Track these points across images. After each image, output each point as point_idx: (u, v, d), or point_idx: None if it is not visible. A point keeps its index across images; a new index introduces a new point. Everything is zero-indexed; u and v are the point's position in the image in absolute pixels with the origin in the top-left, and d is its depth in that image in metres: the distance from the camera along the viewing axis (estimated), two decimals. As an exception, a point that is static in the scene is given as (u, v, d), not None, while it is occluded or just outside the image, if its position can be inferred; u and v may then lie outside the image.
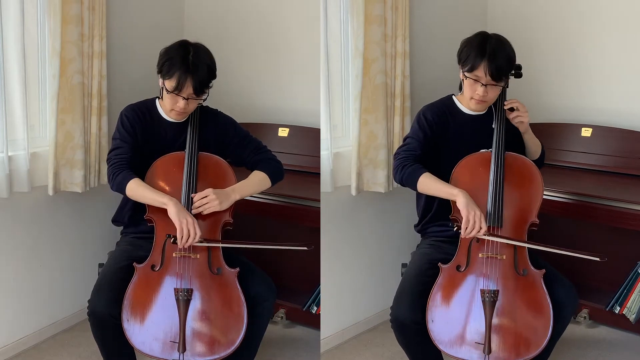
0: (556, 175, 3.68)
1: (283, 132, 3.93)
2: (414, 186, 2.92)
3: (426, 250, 3.03)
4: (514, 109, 2.99)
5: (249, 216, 3.55)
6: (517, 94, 3.11)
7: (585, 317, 3.72)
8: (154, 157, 2.96)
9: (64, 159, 3.44)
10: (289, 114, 4.01)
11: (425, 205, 3.08)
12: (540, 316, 2.81)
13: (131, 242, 3.03)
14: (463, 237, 2.82)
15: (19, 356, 3.46)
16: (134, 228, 3.06)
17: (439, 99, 3.08)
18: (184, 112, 2.94)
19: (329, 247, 3.53)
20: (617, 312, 3.64)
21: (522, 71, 3.05)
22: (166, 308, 2.83)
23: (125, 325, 2.80)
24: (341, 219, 3.63)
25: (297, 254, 3.51)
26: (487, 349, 2.76)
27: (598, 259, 2.76)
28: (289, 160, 3.65)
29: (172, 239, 2.82)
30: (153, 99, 3.06)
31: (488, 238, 2.82)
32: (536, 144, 3.09)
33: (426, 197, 3.05)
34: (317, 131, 3.59)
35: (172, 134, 3.02)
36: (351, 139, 3.56)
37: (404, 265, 3.12)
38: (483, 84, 2.89)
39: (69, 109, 3.42)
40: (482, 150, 2.96)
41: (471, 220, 2.77)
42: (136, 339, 2.82)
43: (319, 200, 3.47)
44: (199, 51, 2.90)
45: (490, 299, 2.78)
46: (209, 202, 2.87)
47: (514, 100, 3.00)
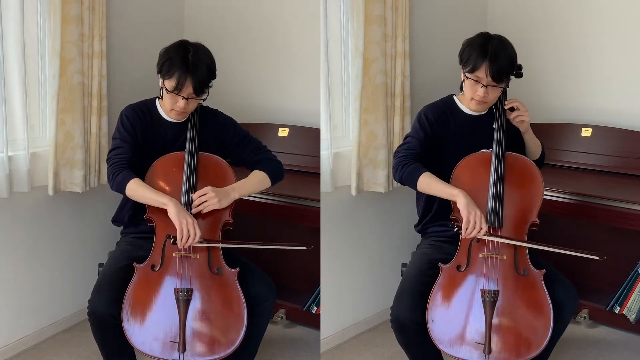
0: (556, 175, 3.68)
1: (283, 132, 3.93)
2: (413, 185, 2.91)
3: (426, 250, 3.03)
4: (515, 108, 2.99)
5: (249, 216, 3.55)
6: (518, 94, 3.11)
7: (585, 317, 3.72)
8: (154, 157, 2.96)
9: (64, 159, 3.44)
10: (289, 114, 4.01)
11: (426, 205, 3.08)
12: (541, 316, 2.81)
13: (131, 242, 3.03)
14: (463, 237, 2.82)
15: (19, 356, 3.46)
16: (134, 228, 3.06)
17: (440, 98, 3.08)
18: (184, 112, 2.94)
19: (329, 247, 3.53)
20: (617, 312, 3.64)
21: (522, 71, 3.05)
22: (166, 308, 2.83)
23: (125, 325, 2.80)
24: (341, 219, 3.63)
25: (297, 254, 3.51)
26: (487, 349, 2.76)
27: (597, 257, 2.76)
28: (289, 160, 3.65)
29: (172, 239, 2.82)
30: (153, 99, 3.06)
31: (488, 238, 2.82)
32: (536, 144, 3.09)
33: (426, 197, 3.05)
34: (317, 131, 3.59)
35: (172, 134, 3.02)
36: (351, 139, 3.55)
37: (404, 265, 3.11)
38: (484, 85, 2.89)
39: (69, 109, 3.42)
40: (482, 150, 2.96)
41: (472, 221, 2.77)
42: (136, 339, 2.81)
43: (319, 200, 3.47)
44: (199, 51, 2.90)
45: (490, 299, 2.78)
46: (208, 200, 2.87)
47: (514, 100, 3.00)
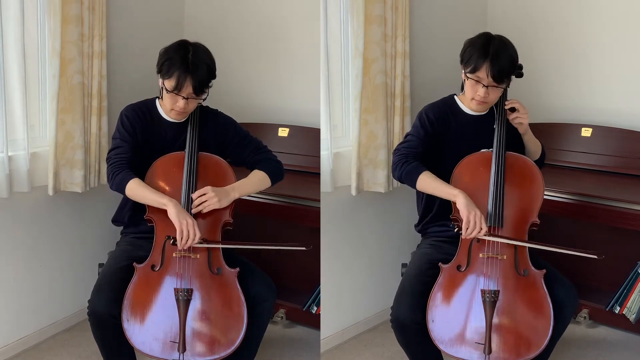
0: (556, 175, 3.68)
1: (283, 132, 3.93)
2: (412, 184, 2.91)
3: (426, 250, 3.03)
4: (515, 109, 2.99)
5: (249, 216, 3.55)
6: (518, 94, 3.11)
7: (585, 317, 3.72)
8: (154, 157, 2.96)
9: (64, 159, 3.44)
10: (289, 114, 4.01)
11: (426, 205, 3.08)
12: (541, 316, 2.80)
13: (131, 242, 3.03)
14: (464, 237, 2.82)
15: (19, 356, 3.46)
16: (134, 228, 3.05)
17: (441, 98, 3.08)
18: (184, 111, 2.94)
19: (329, 247, 3.53)
20: (617, 312, 3.64)
21: (522, 71, 3.05)
22: (166, 308, 2.83)
23: (125, 325, 2.80)
24: (341, 219, 3.63)
25: (297, 254, 3.52)
26: (488, 349, 2.76)
27: (596, 256, 2.77)
28: (289, 160, 3.65)
29: (172, 240, 2.82)
30: (153, 99, 3.05)
31: (488, 239, 2.82)
32: (536, 145, 3.09)
33: (427, 197, 3.05)
34: (317, 131, 3.59)
35: (172, 134, 3.02)
36: (351, 139, 3.55)
37: (404, 265, 3.11)
38: (484, 85, 2.88)
39: (69, 109, 3.42)
40: (482, 150, 2.96)
41: (472, 221, 2.77)
42: (136, 339, 2.81)
43: (319, 200, 3.47)
44: (199, 51, 2.90)
45: (490, 299, 2.78)
46: (208, 199, 2.87)
47: (515, 100, 3.00)
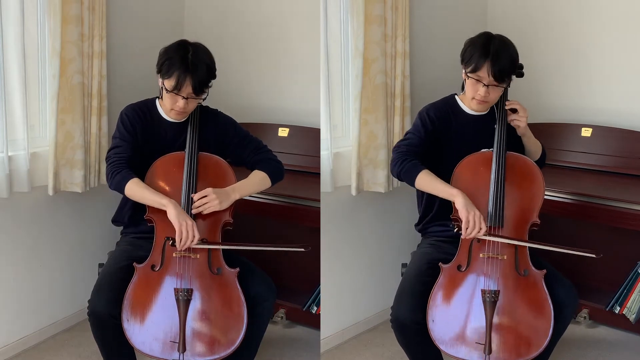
0: (556, 175, 3.68)
1: (283, 132, 3.93)
2: (411, 182, 2.91)
3: (427, 250, 3.03)
4: (516, 110, 2.99)
5: (249, 216, 3.55)
6: (518, 94, 3.11)
7: (585, 317, 3.72)
8: (154, 157, 2.96)
9: (64, 159, 3.44)
10: (289, 114, 4.01)
11: (427, 205, 3.08)
12: (541, 316, 2.80)
13: (131, 242, 3.03)
14: (464, 237, 2.82)
15: (19, 356, 3.46)
16: (134, 228, 3.05)
17: (442, 98, 3.08)
18: (184, 111, 2.94)
19: (329, 247, 3.53)
20: (617, 312, 3.64)
21: (523, 70, 3.04)
22: (166, 308, 2.83)
23: (125, 325, 2.80)
24: (341, 219, 3.63)
25: (297, 254, 3.50)
26: (488, 349, 2.76)
27: (594, 255, 2.77)
28: (289, 160, 3.65)
29: (171, 241, 2.82)
30: (153, 99, 3.05)
31: (488, 238, 2.82)
32: (536, 146, 3.08)
33: (427, 197, 3.04)
34: (317, 131, 3.59)
35: (172, 134, 3.02)
36: (351, 139, 3.55)
37: (404, 265, 3.11)
38: (485, 84, 2.88)
39: (69, 109, 3.42)
40: (483, 150, 2.96)
41: (471, 221, 2.77)
42: (136, 339, 2.81)
43: (319, 200, 3.47)
44: (198, 51, 2.90)
45: (491, 299, 2.78)
46: (209, 201, 2.87)
47: (515, 102, 2.99)
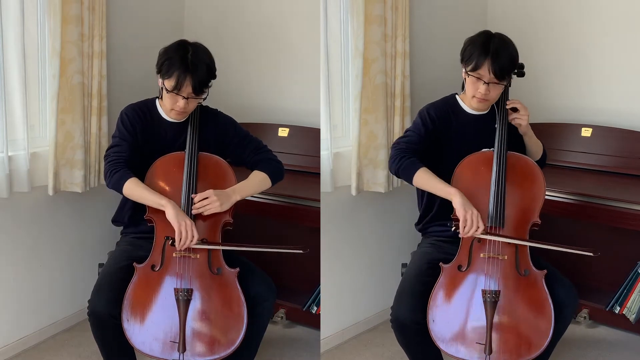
0: (556, 175, 3.68)
1: (283, 132, 3.93)
2: (409, 179, 2.90)
3: (427, 250, 3.02)
4: (516, 109, 2.99)
5: (249, 216, 3.55)
6: (518, 94, 3.11)
7: (585, 317, 3.71)
8: (154, 157, 2.96)
9: (64, 159, 3.44)
10: (289, 114, 4.01)
11: (427, 204, 3.07)
12: (542, 317, 2.80)
13: (131, 242, 3.03)
14: (461, 236, 2.82)
15: (19, 356, 3.46)
16: (134, 228, 3.05)
17: (442, 97, 3.08)
18: (184, 111, 2.93)
19: (329, 247, 3.53)
20: (617, 312, 3.64)
21: (524, 70, 3.04)
22: (166, 308, 2.83)
23: (125, 325, 2.80)
24: (341, 219, 3.63)
25: (297, 254, 3.51)
26: (488, 349, 2.76)
27: (591, 253, 2.77)
28: (289, 160, 3.65)
29: (171, 241, 2.82)
30: (153, 99, 3.05)
31: (486, 237, 2.82)
32: (537, 145, 3.08)
33: (428, 196, 3.04)
34: (317, 131, 3.59)
35: (172, 134, 3.02)
36: (351, 139, 3.55)
37: (404, 265, 3.11)
38: (485, 82, 2.88)
39: (69, 109, 3.42)
40: (483, 150, 2.96)
41: (468, 220, 2.76)
42: (136, 339, 2.81)
43: (319, 200, 3.47)
44: (198, 50, 2.90)
45: (491, 299, 2.78)
46: (210, 203, 2.87)
47: (516, 101, 2.99)
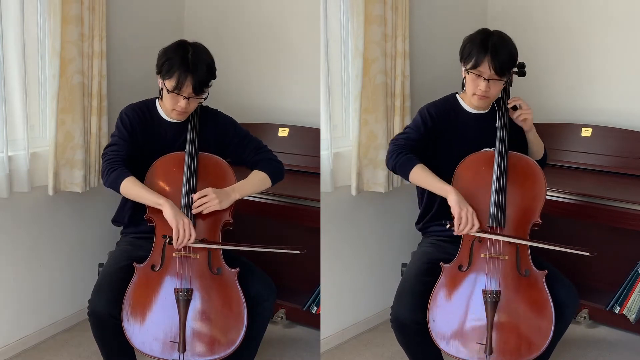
0: (556, 175, 3.68)
1: (283, 132, 3.93)
2: (405, 175, 2.90)
3: (427, 250, 3.02)
4: (517, 107, 2.99)
5: (249, 216, 3.55)
6: (518, 94, 3.10)
7: (585, 317, 3.71)
8: (154, 157, 2.96)
9: (64, 159, 3.44)
10: (289, 114, 4.01)
11: (427, 203, 3.07)
12: (542, 317, 2.80)
13: (131, 242, 3.03)
14: (456, 234, 2.81)
15: (19, 356, 3.46)
16: (134, 228, 3.05)
17: (442, 97, 3.07)
18: (185, 111, 2.93)
19: (329, 247, 3.53)
20: (617, 312, 3.64)
21: (525, 69, 3.04)
22: (166, 308, 2.83)
23: (125, 325, 2.80)
24: (341, 219, 3.63)
25: (296, 254, 3.50)
26: (489, 349, 2.76)
27: (588, 253, 2.77)
28: (289, 160, 3.65)
29: (168, 239, 2.81)
30: (153, 99, 3.05)
31: (481, 235, 2.81)
32: (539, 145, 3.08)
33: (428, 195, 3.03)
34: (317, 131, 3.59)
35: (172, 134, 3.02)
36: (351, 139, 3.55)
37: (404, 265, 3.11)
38: (486, 79, 2.88)
39: (69, 109, 3.42)
40: (484, 150, 2.96)
41: (463, 217, 2.76)
42: (136, 339, 2.81)
43: (319, 200, 3.47)
44: (198, 50, 2.90)
45: (492, 300, 2.78)
46: (209, 201, 2.87)
47: (517, 98, 2.99)
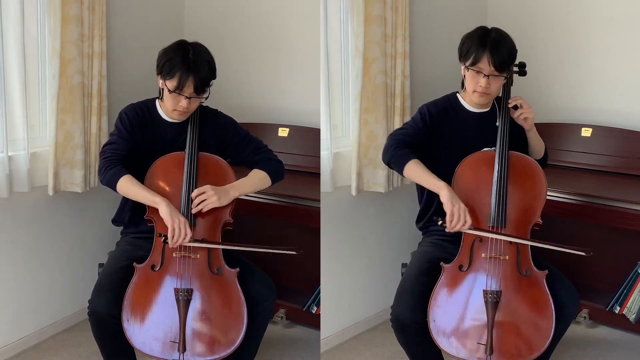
0: (556, 175, 3.67)
1: (283, 132, 3.93)
2: (400, 169, 2.90)
3: (427, 249, 3.02)
4: (518, 106, 2.99)
5: (249, 216, 3.55)
6: (518, 94, 3.10)
7: (585, 317, 3.72)
8: (154, 157, 2.96)
9: (64, 159, 3.44)
10: (289, 114, 4.01)
11: (427, 201, 3.07)
12: (543, 317, 2.80)
13: (131, 242, 3.03)
14: (448, 231, 2.80)
15: (19, 356, 3.46)
16: (134, 228, 3.05)
17: (443, 96, 3.07)
18: (187, 111, 2.93)
19: (329, 247, 3.53)
20: (617, 312, 3.64)
21: (526, 69, 3.04)
22: (166, 308, 2.83)
23: (126, 325, 2.80)
24: (341, 219, 3.63)
25: (294, 255, 3.50)
26: (489, 349, 2.76)
27: (584, 253, 2.78)
28: (289, 160, 3.65)
29: (163, 237, 2.81)
30: (153, 99, 3.05)
31: (473, 232, 2.81)
32: (539, 144, 3.08)
33: (427, 193, 3.03)
34: (317, 131, 3.59)
35: (172, 134, 3.02)
36: (351, 139, 3.55)
37: (404, 265, 3.11)
38: (486, 75, 2.88)
39: (69, 109, 3.42)
40: (484, 149, 2.95)
41: (455, 214, 2.75)
42: (136, 339, 2.81)
43: (319, 200, 3.47)
44: (199, 50, 2.90)
45: (492, 300, 2.78)
46: (208, 198, 2.86)
47: (518, 97, 2.99)
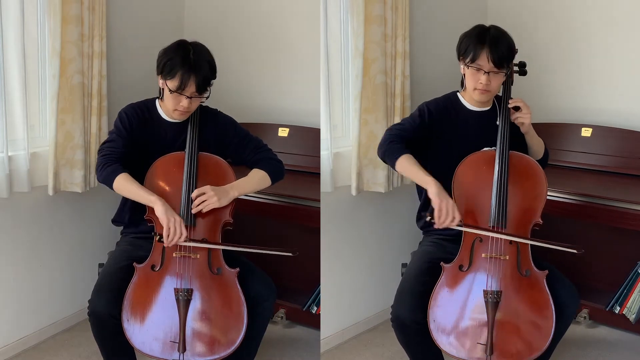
0: (556, 175, 3.67)
1: (283, 132, 3.93)
2: (392, 163, 2.89)
3: (428, 249, 3.02)
4: (518, 108, 2.98)
5: (249, 216, 3.55)
6: (518, 94, 3.11)
7: (585, 317, 3.72)
8: (154, 157, 2.96)
9: (64, 159, 3.44)
10: (289, 114, 4.01)
11: (426, 199, 3.04)
12: (543, 317, 2.80)
13: (131, 242, 3.03)
14: (437, 227, 2.79)
15: (19, 356, 3.46)
16: (134, 228, 3.05)
17: (443, 95, 3.07)
18: (187, 111, 2.93)
19: (329, 247, 3.53)
20: (617, 312, 3.64)
21: (526, 68, 3.04)
22: (166, 308, 2.83)
23: (126, 326, 2.80)
24: (341, 219, 3.63)
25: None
26: (489, 349, 2.76)
27: (575, 251, 2.78)
28: (289, 160, 3.64)
29: (159, 236, 2.81)
30: (153, 99, 3.05)
31: (462, 229, 2.81)
32: (539, 145, 3.07)
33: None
34: (317, 131, 3.59)
35: (172, 134, 3.02)
36: (351, 139, 3.55)
37: (404, 265, 3.11)
38: (485, 72, 2.88)
39: (69, 109, 3.42)
40: (485, 149, 2.95)
41: (443, 209, 2.74)
42: (136, 339, 2.81)
43: (319, 200, 3.47)
44: (199, 49, 2.90)
45: (493, 300, 2.78)
46: (207, 198, 2.86)
47: (519, 99, 2.99)
